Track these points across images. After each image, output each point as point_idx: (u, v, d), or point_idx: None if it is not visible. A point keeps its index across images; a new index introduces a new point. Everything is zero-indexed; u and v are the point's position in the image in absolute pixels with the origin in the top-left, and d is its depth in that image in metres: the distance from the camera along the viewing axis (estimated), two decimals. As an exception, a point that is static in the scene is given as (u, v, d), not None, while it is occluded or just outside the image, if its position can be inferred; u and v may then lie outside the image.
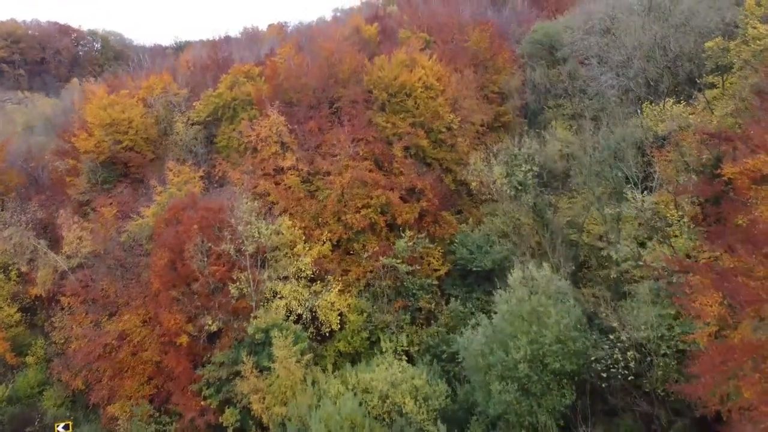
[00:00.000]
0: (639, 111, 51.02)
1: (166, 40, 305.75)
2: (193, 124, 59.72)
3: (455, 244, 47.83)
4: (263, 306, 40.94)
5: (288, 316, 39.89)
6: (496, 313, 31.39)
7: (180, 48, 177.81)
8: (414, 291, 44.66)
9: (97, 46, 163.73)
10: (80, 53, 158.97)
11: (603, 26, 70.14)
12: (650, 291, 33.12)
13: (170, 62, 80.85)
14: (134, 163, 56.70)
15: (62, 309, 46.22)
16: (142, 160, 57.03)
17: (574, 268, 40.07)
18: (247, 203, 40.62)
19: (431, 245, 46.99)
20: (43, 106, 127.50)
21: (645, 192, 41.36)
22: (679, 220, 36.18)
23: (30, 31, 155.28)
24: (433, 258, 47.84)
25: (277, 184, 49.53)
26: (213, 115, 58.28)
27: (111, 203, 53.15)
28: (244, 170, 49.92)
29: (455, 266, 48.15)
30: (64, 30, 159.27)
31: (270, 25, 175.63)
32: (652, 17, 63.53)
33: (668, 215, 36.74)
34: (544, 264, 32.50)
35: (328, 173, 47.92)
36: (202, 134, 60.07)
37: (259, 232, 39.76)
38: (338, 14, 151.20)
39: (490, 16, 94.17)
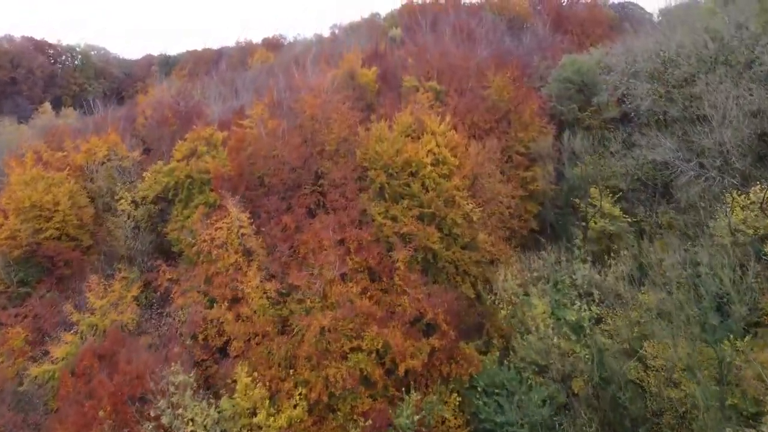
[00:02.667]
0: (723, 205, 38.06)
1: (165, 49, 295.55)
2: (142, 198, 47.14)
3: (478, 395, 34.97)
4: None
5: None
6: None
7: (167, 63, 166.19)
8: (422, 475, 31.87)
9: (77, 63, 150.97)
10: (57, 72, 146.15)
11: (652, 69, 57.16)
12: None
13: (129, 108, 68.25)
14: (62, 256, 43.88)
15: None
16: (72, 253, 44.24)
17: None
18: (180, 376, 27.74)
19: (444, 405, 34.05)
20: (10, 135, 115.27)
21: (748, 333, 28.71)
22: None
23: (3, 48, 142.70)
24: (448, 411, 34.99)
25: (235, 302, 36.78)
26: (164, 193, 45.58)
27: (25, 317, 40.58)
28: (194, 285, 37.18)
29: (479, 421, 35.30)
30: (40, 46, 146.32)
31: (264, 39, 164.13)
32: (722, 65, 50.90)
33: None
34: None
35: (303, 300, 35.06)
36: (154, 210, 47.54)
37: (193, 422, 26.93)
38: (336, 31, 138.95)
39: (508, 44, 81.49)
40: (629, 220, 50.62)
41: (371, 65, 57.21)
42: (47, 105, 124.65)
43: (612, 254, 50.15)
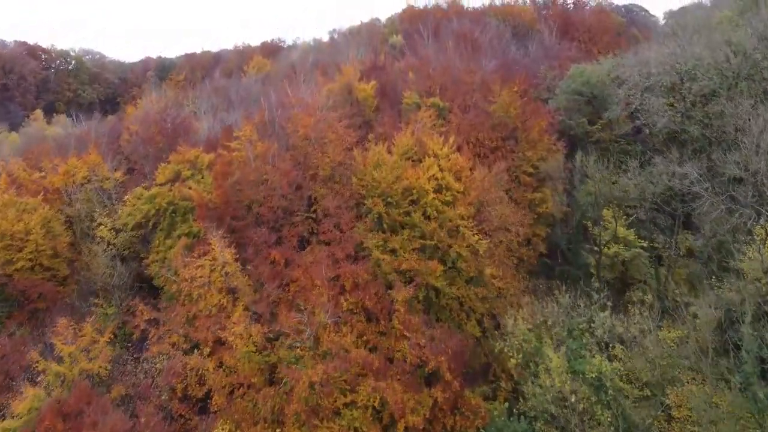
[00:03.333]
0: (754, 239, 34.63)
1: (164, 50, 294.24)
2: (123, 225, 43.86)
3: (486, 451, 31.68)
4: None
5: None
6: None
7: (163, 67, 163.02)
8: None
9: (70, 68, 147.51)
10: (51, 77, 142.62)
11: (668, 83, 53.57)
12: None
13: (115, 122, 64.69)
14: (36, 289, 40.56)
15: None
16: (46, 285, 40.96)
17: None
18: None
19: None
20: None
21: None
22: None
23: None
24: (453, 468, 31.72)
25: (219, 344, 33.48)
26: (145, 220, 42.29)
27: (-9, 358, 37.31)
28: (173, 328, 33.89)
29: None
30: (33, 51, 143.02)
31: (263, 43, 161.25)
32: (745, 80, 47.55)
33: None
34: None
35: (293, 346, 31.76)
36: (135, 237, 44.27)
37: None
38: (335, 35, 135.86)
39: (513, 53, 78.21)
40: (644, 245, 47.31)
41: (370, 78, 53.91)
42: (39, 112, 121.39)
43: (631, 290, 47.02)
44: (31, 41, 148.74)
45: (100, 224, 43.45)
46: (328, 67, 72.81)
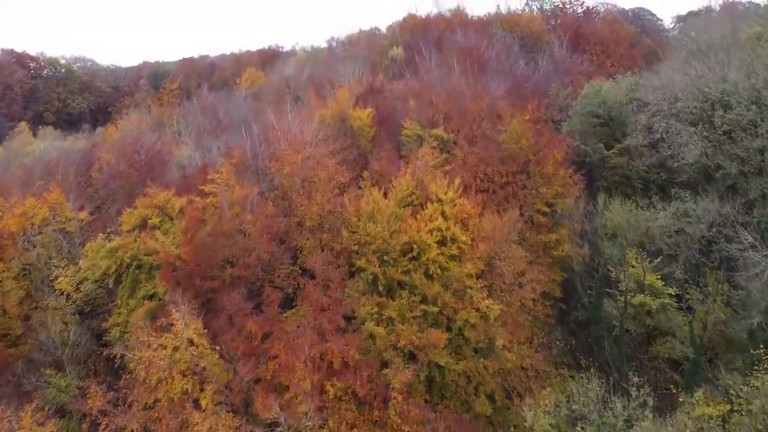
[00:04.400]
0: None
1: (163, 53, 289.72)
2: (81, 281, 38.70)
3: None
4: None
5: None
6: None
7: (157, 74, 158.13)
8: None
9: (59, 77, 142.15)
10: (39, 87, 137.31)
11: (698, 109, 47.95)
12: None
13: (89, 150, 59.16)
14: (-21, 356, 35.50)
15: None
16: (-7, 349, 35.85)
17: None
18: None
19: None
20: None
21: None
22: None
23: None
24: None
25: (186, 437, 28.28)
26: (106, 275, 37.08)
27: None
28: (128, 419, 28.62)
29: None
30: (21, 59, 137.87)
31: (260, 50, 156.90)
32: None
33: None
34: None
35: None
36: (99, 289, 39.11)
37: None
38: (334, 43, 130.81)
39: (522, 68, 72.84)
40: (671, 292, 42.07)
41: (366, 103, 48.53)
42: (24, 124, 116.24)
43: (657, 344, 41.94)
44: (31, 47, 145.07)
45: (57, 276, 38.28)
46: (323, 85, 67.71)
